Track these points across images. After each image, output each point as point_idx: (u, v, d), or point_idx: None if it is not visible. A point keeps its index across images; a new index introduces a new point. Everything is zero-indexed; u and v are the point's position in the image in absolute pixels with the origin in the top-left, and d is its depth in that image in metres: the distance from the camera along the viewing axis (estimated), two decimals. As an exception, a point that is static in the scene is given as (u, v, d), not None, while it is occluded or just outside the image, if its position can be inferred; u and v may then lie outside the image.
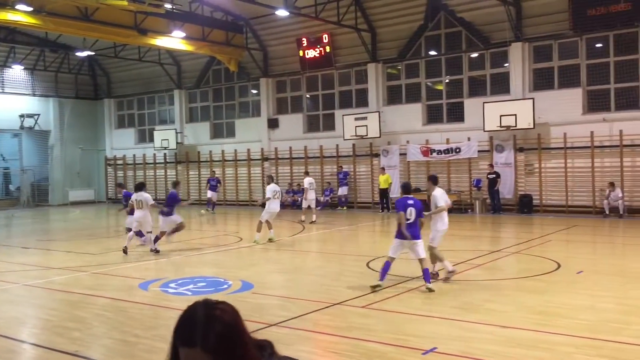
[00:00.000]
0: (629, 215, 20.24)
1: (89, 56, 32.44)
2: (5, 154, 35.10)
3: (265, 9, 23.44)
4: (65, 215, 28.97)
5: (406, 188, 10.53)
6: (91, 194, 36.12)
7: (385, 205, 24.61)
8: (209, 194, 27.52)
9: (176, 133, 32.45)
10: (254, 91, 30.82)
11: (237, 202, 30.91)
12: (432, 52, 25.08)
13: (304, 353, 6.60)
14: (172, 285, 10.47)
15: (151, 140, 33.48)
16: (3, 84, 32.37)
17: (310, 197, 21.39)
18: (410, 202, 9.81)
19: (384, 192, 24.76)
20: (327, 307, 8.58)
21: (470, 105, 23.73)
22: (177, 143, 32.33)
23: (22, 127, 32.74)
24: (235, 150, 30.88)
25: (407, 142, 25.15)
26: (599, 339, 6.75)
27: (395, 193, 24.82)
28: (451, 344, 6.65)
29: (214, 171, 29.65)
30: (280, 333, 7.30)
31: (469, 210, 23.59)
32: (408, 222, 9.61)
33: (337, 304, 8.73)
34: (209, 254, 14.28)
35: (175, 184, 15.94)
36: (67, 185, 34.69)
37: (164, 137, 32.44)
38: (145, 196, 14.19)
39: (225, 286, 10.28)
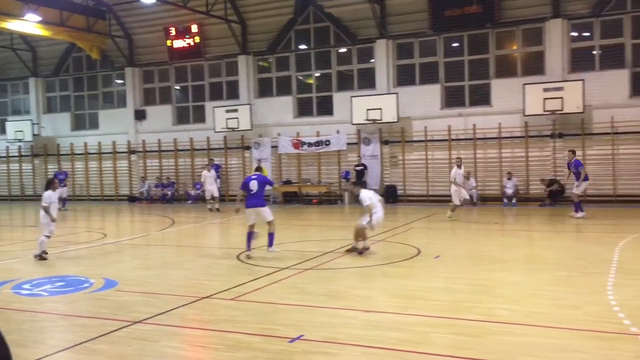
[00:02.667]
0: (482, 203, 21.90)
1: None
2: None
3: (129, -5, 22.47)
4: None
5: (256, 169, 12.94)
6: None
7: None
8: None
9: (32, 124, 30.21)
10: (119, 81, 29.47)
11: (103, 197, 29.46)
12: (302, 46, 25.44)
13: (170, 349, 6.45)
14: (26, 286, 9.75)
15: (3, 131, 30.91)
16: None
17: (210, 187, 22.33)
18: (254, 177, 11.83)
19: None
20: (195, 301, 8.43)
21: (339, 99, 24.40)
22: (33, 135, 30.13)
23: None
24: (100, 143, 29.38)
25: (279, 134, 25.35)
26: (453, 317, 7.23)
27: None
28: (317, 331, 6.80)
29: (60, 165, 27.22)
30: (146, 330, 7.07)
31: (339, 202, 24.27)
32: (252, 192, 11.59)
33: (206, 297, 8.62)
34: (69, 251, 13.46)
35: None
36: None
37: (18, 128, 30.08)
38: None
39: (87, 285, 9.75)
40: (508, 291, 8.56)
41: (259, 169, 12.99)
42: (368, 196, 11.85)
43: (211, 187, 22.26)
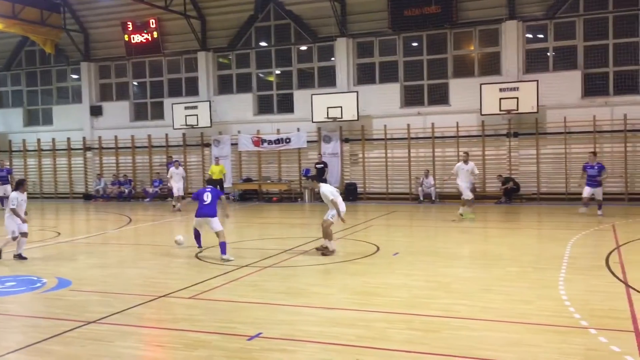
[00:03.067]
0: (440, 201, 22.23)
1: None
2: None
3: (85, -12, 21.95)
4: None
5: (209, 182, 13.87)
6: None
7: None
8: None
9: (-18, 119, 29.24)
10: (74, 76, 28.79)
11: (57, 195, 28.73)
12: (263, 43, 25.33)
13: (125, 349, 6.34)
14: (-25, 286, 9.43)
15: (-49, 127, 29.85)
16: None
17: (176, 184, 21.72)
18: (208, 189, 12.16)
19: (217, 182, 24.43)
20: (152, 300, 8.31)
21: (300, 96, 24.38)
22: (-17, 130, 29.16)
23: None
24: (54, 139, 28.64)
25: (239, 132, 25.19)
26: (411, 313, 7.33)
27: (229, 183, 24.78)
28: (276, 328, 6.80)
29: (1, 161, 24.78)
30: (101, 330, 6.94)
31: (299, 199, 24.27)
32: (205, 203, 11.75)
33: (163, 296, 8.50)
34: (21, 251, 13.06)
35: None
36: None
37: (-33, 123, 29.07)
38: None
39: (39, 284, 9.50)
40: (464, 287, 8.72)
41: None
42: (329, 190, 11.80)
43: (177, 185, 21.70)
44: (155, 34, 26.13)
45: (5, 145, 29.56)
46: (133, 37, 26.45)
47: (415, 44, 23.31)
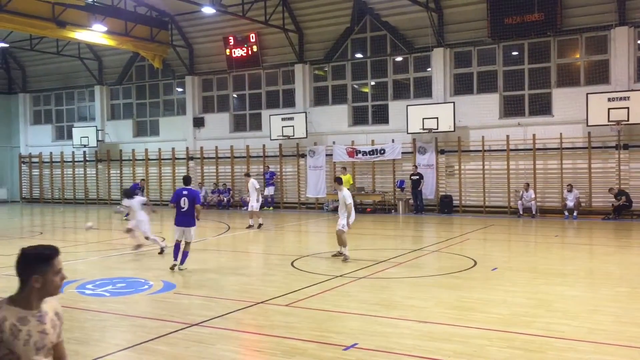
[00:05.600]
0: (541, 215, 21.31)
1: (1, 48, 30.81)
2: None
3: (191, 6, 23.10)
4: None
5: (186, 180, 12.17)
6: (3, 193, 34.32)
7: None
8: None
9: (97, 130, 31.37)
10: (179, 89, 30.26)
11: (162, 202, 30.23)
12: (358, 55, 25.49)
13: (227, 352, 6.55)
14: (89, 286, 10.11)
15: (70, 137, 32.22)
16: None
17: (252, 199, 19.10)
18: (185, 192, 11.44)
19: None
20: (250, 306, 8.54)
21: (395, 107, 24.28)
22: (97, 141, 31.27)
23: None
24: (160, 149, 30.20)
25: (334, 143, 25.43)
26: (511, 331, 7.07)
27: (323, 194, 25.11)
28: (371, 340, 6.78)
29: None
30: (203, 333, 7.22)
31: (393, 211, 24.11)
32: (182, 209, 11.31)
33: (261, 302, 8.72)
34: (129, 254, 13.88)
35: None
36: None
37: (84, 134, 31.29)
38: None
39: (146, 287, 10.04)
40: (568, 306, 8.30)
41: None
42: (350, 195, 12.25)
43: (251, 199, 19.07)
44: (254, 48, 27.00)
45: (116, 155, 31.55)
46: (234, 52, 27.47)
47: (515, 53, 22.60)
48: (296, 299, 8.91)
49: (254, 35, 26.84)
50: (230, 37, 27.46)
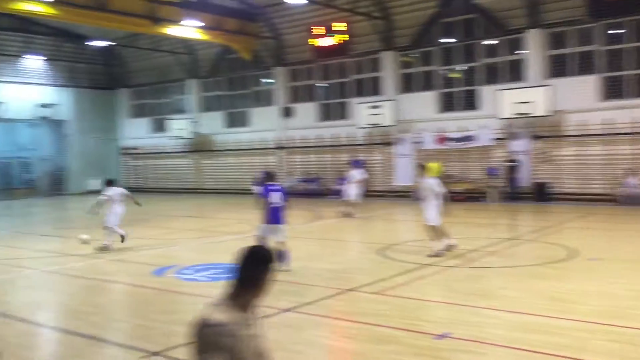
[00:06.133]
0: (646, 203, 20.03)
1: (104, 46, 32.64)
2: (22, 143, 35.49)
3: (279, -3, 23.44)
4: (82, 203, 29.28)
5: (272, 176, 10.88)
6: (107, 183, 36.44)
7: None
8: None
9: (191, 122, 32.64)
10: (268, 80, 30.84)
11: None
12: (447, 40, 24.90)
13: (318, 337, 6.69)
14: (187, 272, 10.60)
15: (165, 129, 33.71)
16: (20, 74, 32.65)
17: (351, 189, 19.41)
18: (277, 187, 10.37)
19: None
20: (340, 293, 8.65)
21: (485, 92, 23.59)
22: (192, 132, 32.53)
23: (42, 117, 33.09)
24: (250, 140, 30.99)
25: (422, 130, 25.07)
26: (612, 324, 6.75)
27: (411, 181, 24.80)
28: (462, 329, 6.69)
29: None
30: (294, 318, 7.40)
31: (483, 199, 23.50)
32: (276, 206, 10.16)
33: (350, 290, 8.81)
34: (225, 241, 14.41)
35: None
36: (83, 174, 34.96)
37: (180, 126, 32.65)
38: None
39: (240, 273, 10.36)
40: (677, 300, 7.81)
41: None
42: (437, 182, 11.56)
43: (350, 187, 19.49)
44: (341, 37, 27.02)
45: (209, 145, 32.69)
46: (321, 41, 27.62)
47: (616, 31, 21.28)
48: (386, 287, 8.93)
49: (340, 23, 26.86)
50: (316, 27, 27.63)
